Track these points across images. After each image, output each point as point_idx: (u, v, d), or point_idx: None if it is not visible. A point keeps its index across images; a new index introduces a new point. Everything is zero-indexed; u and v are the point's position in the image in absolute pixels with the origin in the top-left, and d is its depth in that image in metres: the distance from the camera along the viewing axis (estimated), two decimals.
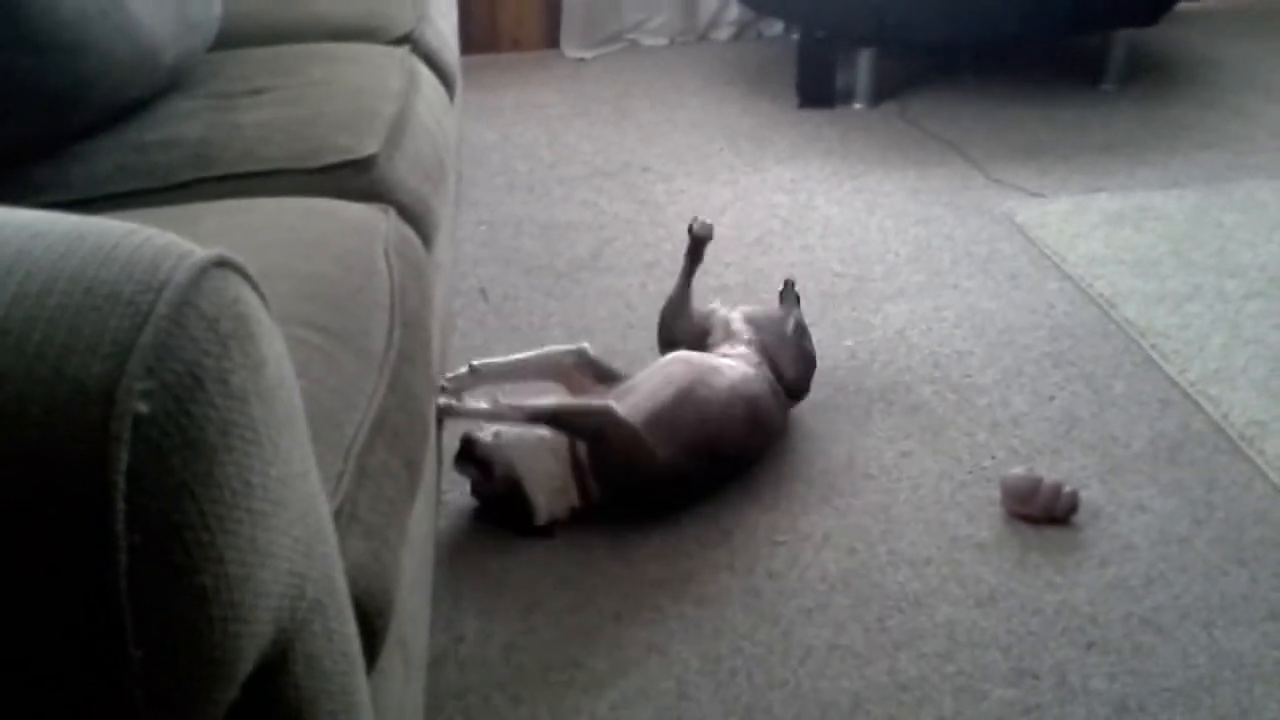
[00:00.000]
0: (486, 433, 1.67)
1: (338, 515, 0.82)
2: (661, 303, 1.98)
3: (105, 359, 0.47)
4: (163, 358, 0.48)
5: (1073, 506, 1.65)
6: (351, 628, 0.72)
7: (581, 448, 1.63)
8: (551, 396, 1.73)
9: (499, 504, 1.67)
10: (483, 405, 1.65)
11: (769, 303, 2.06)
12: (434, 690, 1.40)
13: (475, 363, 1.75)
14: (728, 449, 1.71)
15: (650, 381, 1.70)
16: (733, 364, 1.76)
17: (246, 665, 0.55)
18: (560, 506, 1.66)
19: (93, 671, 0.47)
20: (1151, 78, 3.53)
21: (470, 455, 1.66)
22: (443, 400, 1.61)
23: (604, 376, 1.76)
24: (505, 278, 2.40)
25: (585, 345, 1.80)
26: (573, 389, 1.77)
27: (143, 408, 0.47)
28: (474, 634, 1.49)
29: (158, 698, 0.49)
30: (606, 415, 1.62)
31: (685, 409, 1.66)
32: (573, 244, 2.55)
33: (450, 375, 1.72)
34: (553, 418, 1.64)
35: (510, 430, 1.66)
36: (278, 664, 0.60)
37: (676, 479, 1.66)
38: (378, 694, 0.84)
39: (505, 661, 1.45)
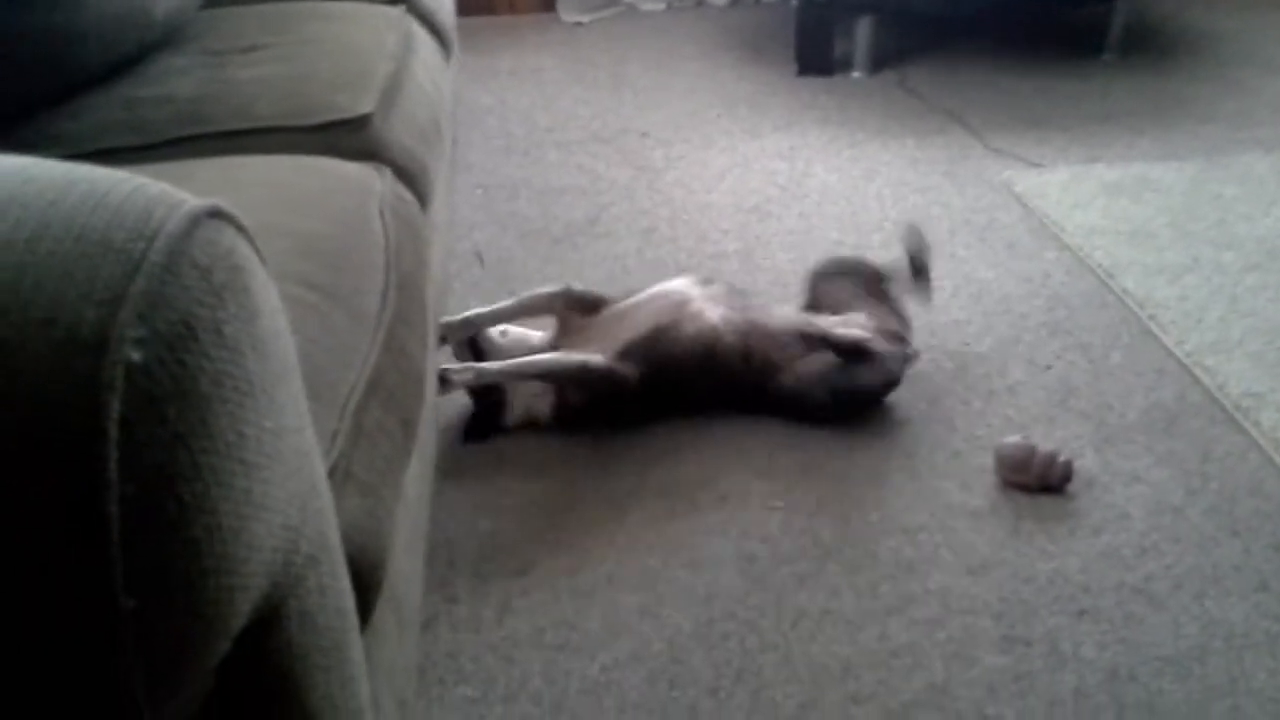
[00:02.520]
0: (495, 332, 1.86)
1: (333, 472, 0.82)
2: (657, 268, 1.97)
3: (97, 306, 0.46)
4: (155, 306, 0.48)
5: (1067, 475, 1.65)
6: (345, 584, 0.72)
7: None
8: (542, 333, 1.91)
9: (476, 399, 1.82)
10: (469, 374, 1.74)
11: (767, 269, 2.06)
12: (427, 650, 1.40)
13: (469, 313, 1.84)
14: (684, 380, 1.81)
15: (639, 312, 1.84)
16: (710, 318, 1.82)
17: (239, 619, 0.55)
18: (533, 414, 1.82)
19: (84, 622, 0.47)
20: (1151, 49, 3.51)
21: (472, 344, 1.83)
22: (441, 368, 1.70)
23: (590, 307, 1.88)
24: (501, 242, 2.39)
25: (569, 284, 1.90)
26: (562, 323, 1.89)
27: (135, 356, 0.46)
28: (467, 595, 1.49)
29: (149, 649, 0.48)
30: (583, 370, 1.77)
31: (655, 343, 1.79)
32: (569, 209, 2.53)
33: (444, 320, 1.79)
34: (535, 374, 1.77)
35: (512, 335, 1.87)
36: (271, 619, 0.59)
37: (642, 395, 1.79)
38: (371, 652, 0.84)
39: (498, 623, 1.45)
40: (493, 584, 1.51)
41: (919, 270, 1.96)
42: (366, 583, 0.81)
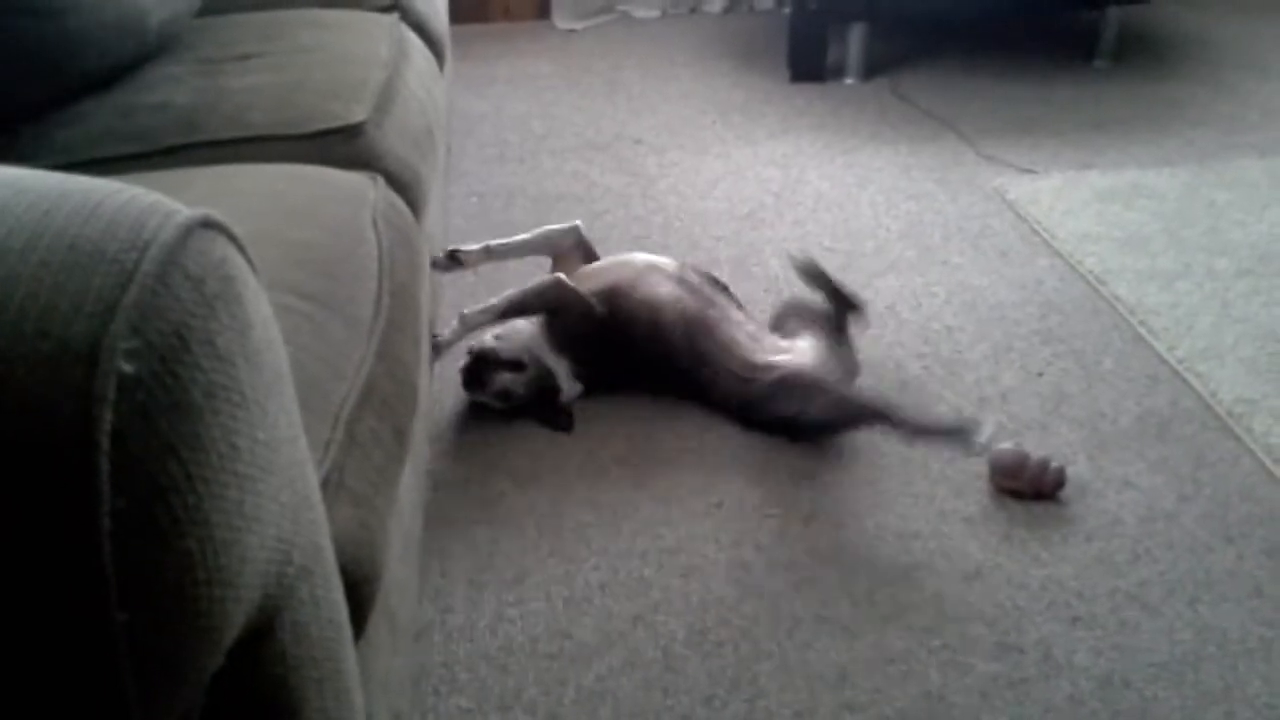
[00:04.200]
0: (488, 341, 1.86)
1: (325, 483, 0.81)
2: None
3: (89, 317, 0.46)
4: (148, 317, 0.48)
5: (1060, 482, 1.66)
6: (339, 595, 0.72)
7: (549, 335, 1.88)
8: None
9: (531, 397, 1.85)
10: (451, 329, 1.86)
11: (760, 276, 2.06)
12: (422, 660, 1.40)
13: (490, 243, 1.97)
14: (633, 340, 1.88)
15: (604, 273, 1.95)
16: (668, 288, 1.89)
17: (232, 631, 0.55)
18: (573, 390, 1.88)
19: (77, 635, 0.46)
20: (1144, 55, 3.52)
21: (496, 362, 1.83)
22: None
23: (587, 256, 2.02)
24: None
25: (578, 223, 2.04)
26: (561, 264, 2.00)
27: (127, 367, 0.46)
28: (461, 604, 1.49)
29: (142, 662, 0.48)
30: (556, 284, 1.89)
31: (612, 296, 1.89)
32: (564, 216, 2.51)
33: (464, 250, 1.93)
34: (516, 305, 1.87)
35: (505, 329, 1.88)
36: (264, 630, 0.59)
37: (606, 339, 1.87)
38: (365, 662, 0.84)
39: (493, 632, 1.45)
40: (487, 593, 1.51)
41: (836, 297, 1.92)
42: (360, 593, 0.81)
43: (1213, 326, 2.05)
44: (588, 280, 1.92)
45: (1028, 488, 1.65)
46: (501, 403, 1.85)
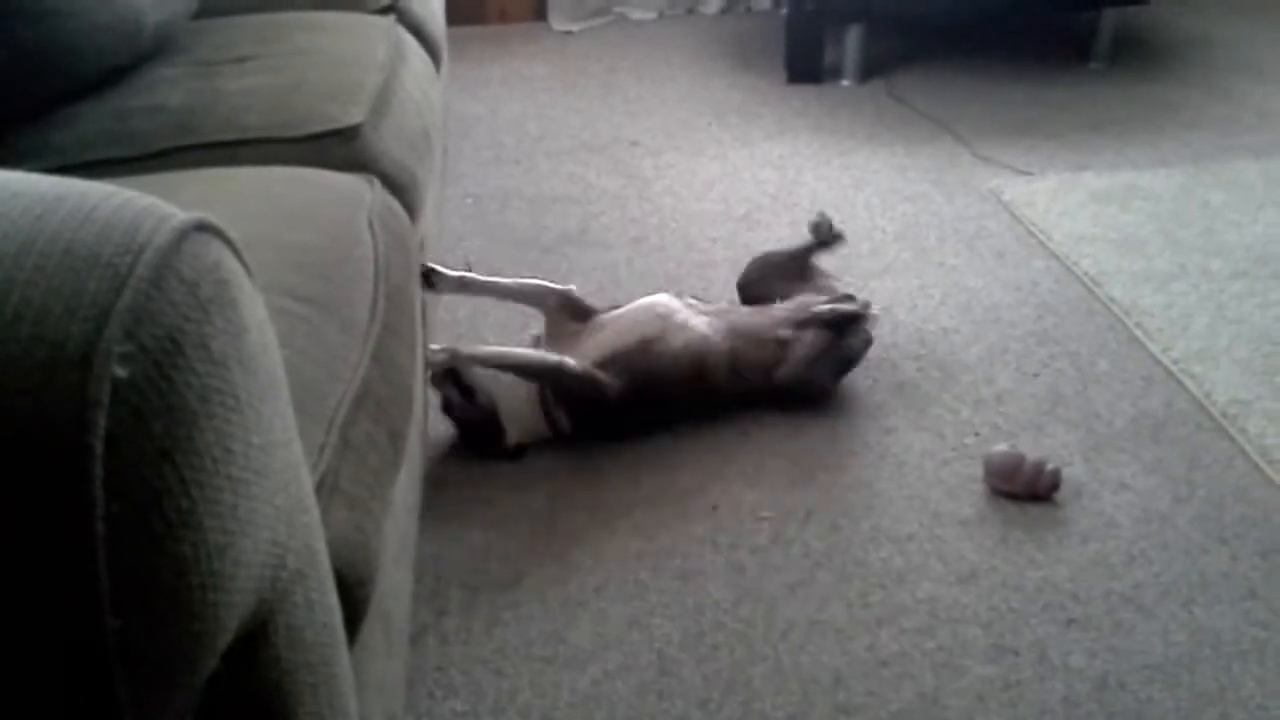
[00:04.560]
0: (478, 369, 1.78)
1: (320, 486, 0.81)
2: (647, 278, 1.98)
3: (83, 321, 0.46)
4: (142, 321, 0.48)
5: (1055, 484, 1.66)
6: (333, 599, 0.72)
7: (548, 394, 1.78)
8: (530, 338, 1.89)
9: (471, 428, 1.79)
10: (444, 354, 1.72)
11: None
12: (416, 663, 1.40)
13: (467, 275, 1.80)
14: (669, 394, 1.81)
15: (621, 322, 1.83)
16: (697, 327, 1.83)
17: (227, 635, 0.55)
18: (530, 434, 1.79)
19: (70, 641, 0.46)
20: (1140, 57, 3.53)
21: (456, 379, 1.76)
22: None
23: (581, 315, 1.86)
24: (491, 251, 2.39)
25: (573, 288, 1.87)
26: (551, 327, 1.86)
27: (121, 372, 0.46)
28: (457, 607, 1.49)
29: (136, 668, 0.48)
30: (560, 369, 1.74)
31: (641, 356, 1.78)
32: (559, 218, 2.54)
33: (439, 272, 1.74)
34: (516, 367, 1.76)
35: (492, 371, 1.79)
36: (258, 635, 0.59)
37: (627, 410, 1.77)
38: (359, 666, 0.84)
39: (487, 635, 1.45)
40: (482, 596, 1.51)
41: (821, 233, 2.01)
42: (354, 597, 0.81)
43: (1208, 328, 2.05)
44: (597, 342, 1.79)
45: (1023, 490, 1.65)
46: (444, 413, 1.79)
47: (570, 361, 1.74)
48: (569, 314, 1.85)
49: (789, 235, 2.44)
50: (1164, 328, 2.06)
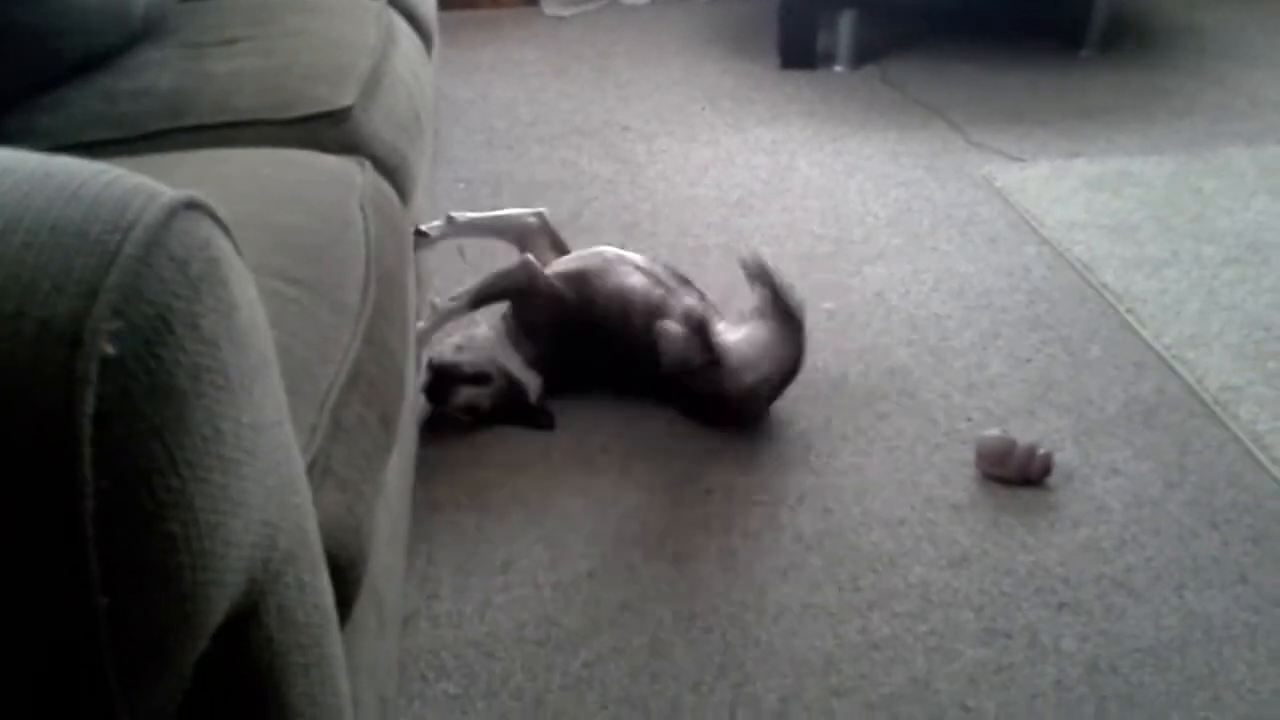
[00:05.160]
0: (448, 352, 1.83)
1: (311, 468, 0.81)
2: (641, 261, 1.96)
3: (72, 299, 0.46)
4: (131, 299, 0.47)
5: (1047, 468, 1.66)
6: (324, 580, 0.71)
7: (513, 324, 1.85)
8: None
9: (501, 406, 1.82)
10: (426, 318, 1.79)
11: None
12: (408, 646, 1.40)
13: (452, 214, 1.90)
14: (599, 327, 1.84)
15: (577, 259, 1.92)
16: (639, 278, 1.85)
17: (217, 615, 0.54)
18: (538, 387, 1.84)
19: (59, 619, 0.46)
20: (1132, 44, 3.53)
21: (460, 377, 1.80)
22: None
23: (558, 244, 1.97)
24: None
25: (544, 210, 1.99)
26: (532, 248, 1.93)
27: (110, 349, 0.46)
28: (449, 590, 1.49)
29: (125, 647, 0.48)
30: (524, 264, 1.83)
31: (583, 284, 1.85)
32: (552, 203, 2.51)
33: (428, 226, 1.85)
34: (486, 290, 1.84)
35: (466, 338, 1.86)
36: (249, 615, 0.59)
37: (572, 330, 1.84)
38: (351, 648, 0.84)
39: (480, 618, 1.44)
40: (474, 579, 1.51)
41: (774, 292, 1.82)
42: (346, 579, 0.81)
43: (1199, 314, 2.05)
44: (557, 269, 1.89)
45: (1015, 474, 1.66)
46: (468, 416, 1.81)
47: (530, 258, 1.84)
48: (546, 237, 1.96)
49: (781, 220, 2.44)
50: (1156, 314, 2.06)
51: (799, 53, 3.35)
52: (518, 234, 1.97)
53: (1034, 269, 2.24)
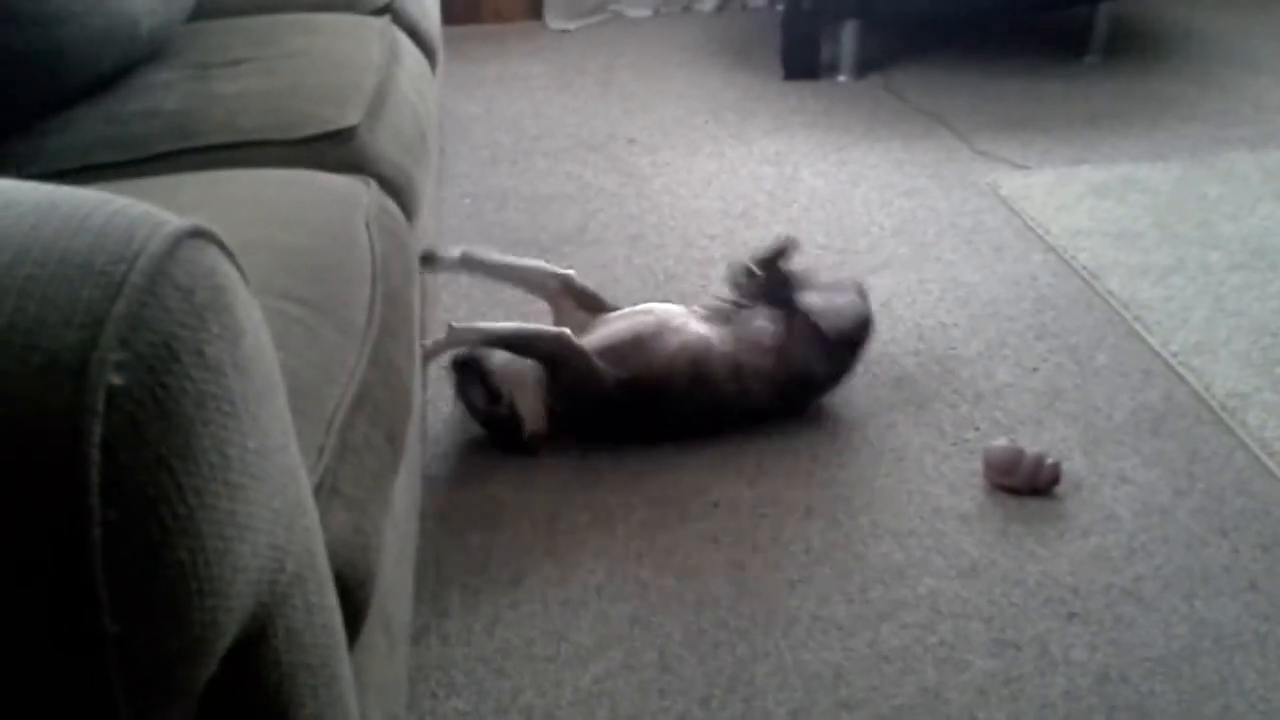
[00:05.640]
0: (488, 358, 1.78)
1: (318, 489, 0.82)
2: (646, 276, 1.97)
3: (78, 330, 0.46)
4: (137, 328, 0.48)
5: (1055, 478, 1.66)
6: (333, 601, 0.72)
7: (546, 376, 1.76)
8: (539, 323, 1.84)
9: (495, 424, 1.78)
10: (436, 340, 1.73)
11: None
12: (418, 663, 1.40)
13: (469, 250, 1.83)
14: (665, 394, 1.76)
15: (620, 321, 1.82)
16: (696, 328, 1.80)
17: (225, 640, 0.55)
18: (539, 425, 1.77)
19: (68, 648, 0.47)
20: (1135, 50, 3.53)
21: (482, 380, 1.77)
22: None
23: (589, 305, 1.86)
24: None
25: (571, 272, 1.88)
26: (557, 309, 1.87)
27: (117, 379, 0.46)
28: (458, 607, 1.49)
29: (134, 674, 0.48)
30: (560, 341, 1.74)
31: (637, 350, 1.76)
32: (558, 217, 2.53)
33: (440, 255, 1.79)
34: (507, 339, 1.76)
35: (499, 356, 1.79)
36: (257, 638, 0.59)
37: (619, 403, 1.75)
38: (360, 668, 0.84)
39: (489, 635, 1.45)
40: (483, 596, 1.51)
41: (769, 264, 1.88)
42: (354, 599, 0.81)
43: (1206, 320, 2.05)
44: (598, 334, 1.79)
45: (1023, 484, 1.65)
46: (463, 407, 1.80)
47: (569, 333, 1.74)
48: (575, 301, 1.86)
49: (786, 231, 2.44)
50: (1163, 320, 2.06)
51: (802, 63, 3.36)
52: (539, 291, 1.89)
53: (1040, 277, 2.24)
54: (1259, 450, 1.72)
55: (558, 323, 1.84)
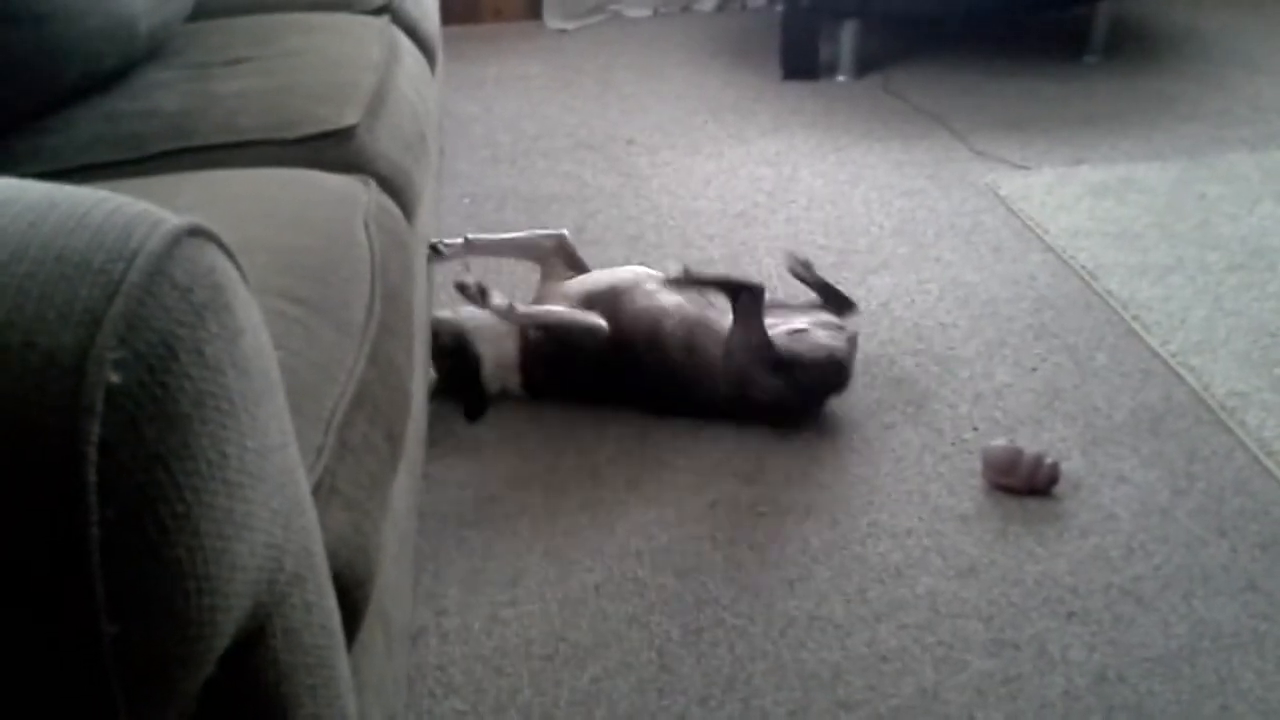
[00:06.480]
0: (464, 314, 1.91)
1: (317, 488, 0.81)
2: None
3: (76, 328, 0.46)
4: (135, 327, 0.48)
5: (1054, 478, 1.66)
6: (331, 601, 0.72)
7: (532, 336, 1.87)
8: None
9: (454, 361, 1.89)
10: (496, 303, 1.82)
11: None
12: (416, 662, 1.40)
13: (470, 236, 1.96)
14: (625, 348, 1.84)
15: (602, 272, 1.96)
16: (662, 297, 1.87)
17: (223, 640, 0.55)
18: (510, 383, 1.90)
19: (66, 648, 0.46)
20: (1134, 50, 3.53)
21: (470, 297, 1.84)
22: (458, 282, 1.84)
23: (575, 264, 2.00)
24: None
25: (564, 231, 2.03)
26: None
27: (115, 378, 0.46)
28: (456, 606, 1.49)
29: (132, 674, 0.48)
30: (599, 332, 1.83)
31: (610, 300, 1.87)
32: (557, 217, 2.53)
33: (447, 242, 1.91)
34: (549, 324, 1.86)
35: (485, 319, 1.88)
36: (256, 638, 0.59)
37: (611, 350, 1.84)
38: (359, 667, 0.84)
39: (487, 634, 1.45)
40: (481, 595, 1.51)
41: (826, 294, 1.96)
42: (353, 599, 0.81)
43: (1205, 320, 2.05)
44: (578, 289, 1.91)
45: (1021, 484, 1.65)
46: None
47: (605, 324, 1.84)
48: (563, 260, 2.00)
49: (785, 231, 2.44)
50: (1162, 320, 2.06)
51: (801, 63, 3.36)
52: (536, 254, 2.02)
53: (1039, 277, 2.24)
54: (1258, 450, 1.72)
55: (545, 273, 2.01)
